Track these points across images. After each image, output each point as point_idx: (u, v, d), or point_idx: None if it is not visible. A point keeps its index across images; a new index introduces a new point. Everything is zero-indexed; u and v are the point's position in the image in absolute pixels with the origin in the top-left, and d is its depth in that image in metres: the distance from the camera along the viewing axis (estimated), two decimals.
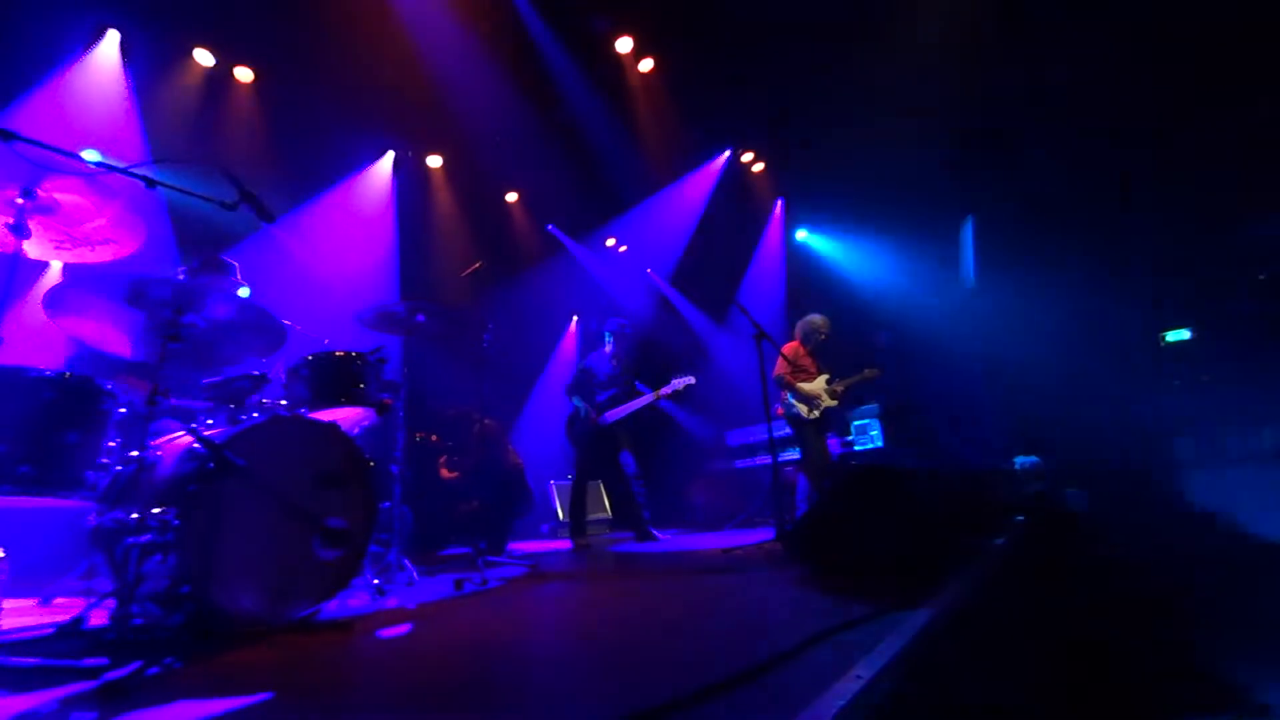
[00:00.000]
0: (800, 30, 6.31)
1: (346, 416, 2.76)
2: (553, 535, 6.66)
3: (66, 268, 4.63)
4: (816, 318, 5.33)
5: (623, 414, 5.20)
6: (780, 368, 5.10)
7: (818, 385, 5.13)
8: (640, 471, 5.16)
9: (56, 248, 2.15)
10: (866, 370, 5.31)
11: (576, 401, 5.25)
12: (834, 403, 5.00)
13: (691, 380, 5.13)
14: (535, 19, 6.25)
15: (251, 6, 5.24)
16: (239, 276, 3.21)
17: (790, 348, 5.25)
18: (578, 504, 5.14)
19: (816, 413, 5.10)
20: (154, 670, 1.41)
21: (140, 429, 1.93)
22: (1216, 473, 5.18)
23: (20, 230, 1.97)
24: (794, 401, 5.07)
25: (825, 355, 5.37)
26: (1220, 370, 5.85)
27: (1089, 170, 6.14)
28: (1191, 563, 3.08)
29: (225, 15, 5.27)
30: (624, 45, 6.79)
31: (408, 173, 7.23)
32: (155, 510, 1.79)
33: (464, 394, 5.28)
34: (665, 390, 5.10)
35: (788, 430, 5.53)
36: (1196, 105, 5.60)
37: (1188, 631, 2.10)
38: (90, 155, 1.92)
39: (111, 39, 5.12)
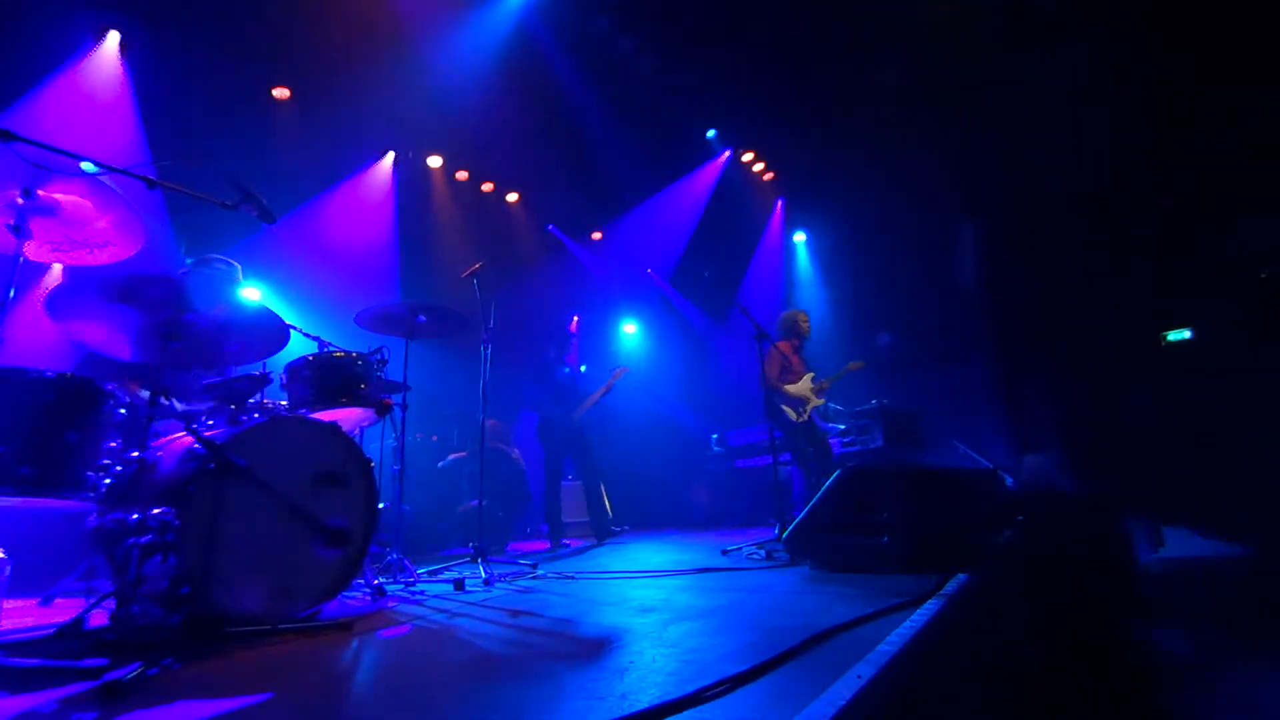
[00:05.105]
0: (802, 29, 6.31)
1: (346, 416, 2.76)
2: None
3: (67, 269, 4.64)
4: (798, 312, 5.06)
5: (587, 408, 5.26)
6: (772, 368, 4.70)
7: (804, 386, 4.84)
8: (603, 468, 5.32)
9: (55, 250, 2.15)
10: (850, 364, 5.11)
11: (546, 407, 5.15)
12: (820, 402, 4.78)
13: (626, 369, 5.48)
14: (535, 18, 6.25)
15: (252, 7, 5.24)
16: (241, 278, 3.21)
17: (780, 347, 4.89)
18: (556, 505, 5.09)
19: (804, 415, 4.81)
20: (154, 670, 1.41)
21: (141, 430, 1.93)
22: None
23: (21, 231, 1.97)
24: (782, 406, 4.77)
25: (811, 351, 5.26)
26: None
27: (1089, 169, 6.12)
28: None
29: (224, 15, 5.26)
30: (624, 45, 6.78)
31: (408, 173, 7.23)
32: (155, 511, 1.79)
33: (465, 394, 5.27)
34: (612, 379, 5.34)
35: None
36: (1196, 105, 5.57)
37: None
38: (88, 167, 1.91)
39: (111, 39, 5.13)
